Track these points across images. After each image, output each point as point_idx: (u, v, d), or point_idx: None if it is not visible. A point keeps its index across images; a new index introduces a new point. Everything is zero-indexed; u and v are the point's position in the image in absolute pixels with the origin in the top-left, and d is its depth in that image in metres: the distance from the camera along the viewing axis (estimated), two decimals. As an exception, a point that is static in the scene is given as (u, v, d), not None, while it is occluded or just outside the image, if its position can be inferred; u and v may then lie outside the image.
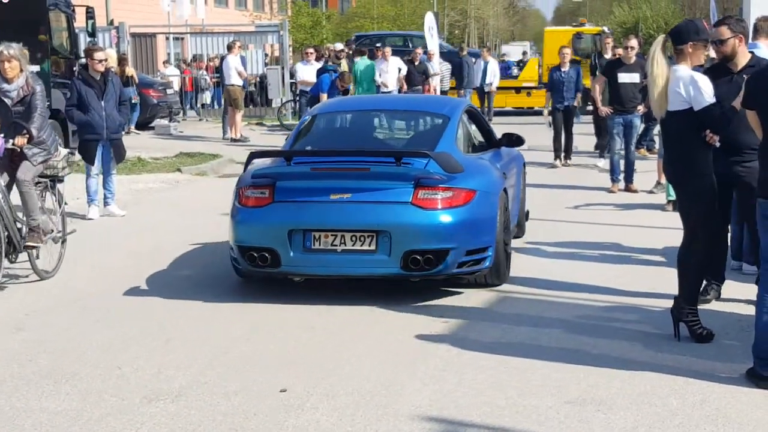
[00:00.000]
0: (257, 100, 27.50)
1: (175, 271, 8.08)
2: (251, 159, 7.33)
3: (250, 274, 7.23)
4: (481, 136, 8.49)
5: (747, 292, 6.66)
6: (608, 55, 14.94)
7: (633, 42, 12.60)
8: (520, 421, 4.65)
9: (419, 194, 6.76)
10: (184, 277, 7.83)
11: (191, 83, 27.63)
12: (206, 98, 28.47)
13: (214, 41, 27.09)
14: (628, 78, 12.28)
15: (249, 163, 7.34)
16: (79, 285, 7.64)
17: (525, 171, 9.48)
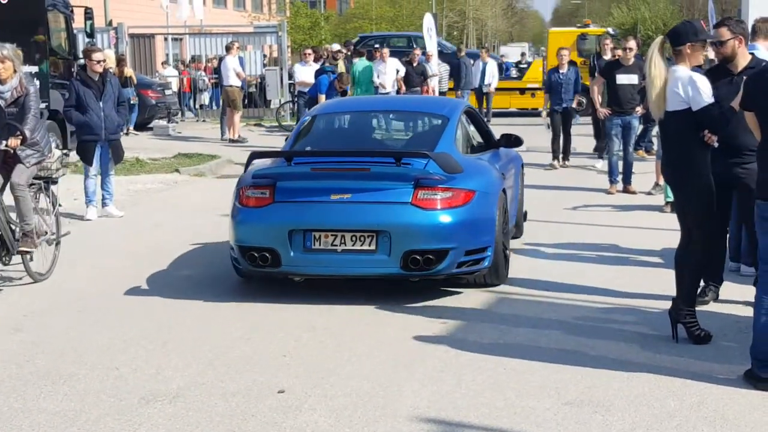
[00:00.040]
0: (258, 101, 27.49)
1: (174, 271, 8.07)
2: (252, 159, 7.34)
3: (250, 274, 7.24)
4: (479, 137, 8.50)
5: (745, 293, 6.67)
6: (607, 57, 14.93)
7: (631, 43, 12.59)
8: (518, 422, 4.65)
9: (419, 194, 6.78)
10: (183, 277, 7.83)
11: (189, 84, 27.62)
12: (204, 99, 28.45)
13: (213, 42, 27.09)
14: (626, 79, 12.28)
15: (249, 163, 7.35)
16: (78, 286, 7.63)
17: (523, 172, 9.49)
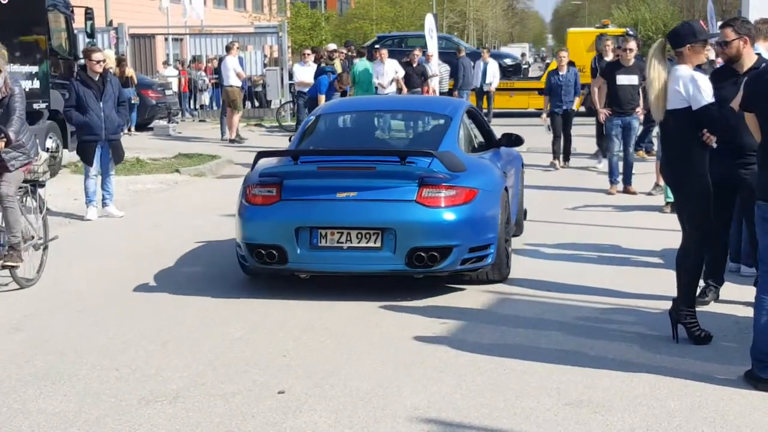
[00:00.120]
0: (263, 99, 27.52)
1: (174, 271, 8.07)
2: (258, 158, 7.41)
3: (256, 271, 7.29)
4: (481, 136, 8.53)
5: (745, 294, 6.67)
6: (608, 58, 14.92)
7: (631, 44, 12.57)
8: (518, 423, 4.65)
9: (423, 192, 6.85)
10: (183, 277, 7.82)
11: (187, 84, 27.63)
12: (205, 99, 28.48)
13: (213, 42, 27.10)
14: (626, 80, 12.27)
15: (256, 162, 7.41)
16: (77, 286, 7.62)
17: (523, 171, 9.54)
